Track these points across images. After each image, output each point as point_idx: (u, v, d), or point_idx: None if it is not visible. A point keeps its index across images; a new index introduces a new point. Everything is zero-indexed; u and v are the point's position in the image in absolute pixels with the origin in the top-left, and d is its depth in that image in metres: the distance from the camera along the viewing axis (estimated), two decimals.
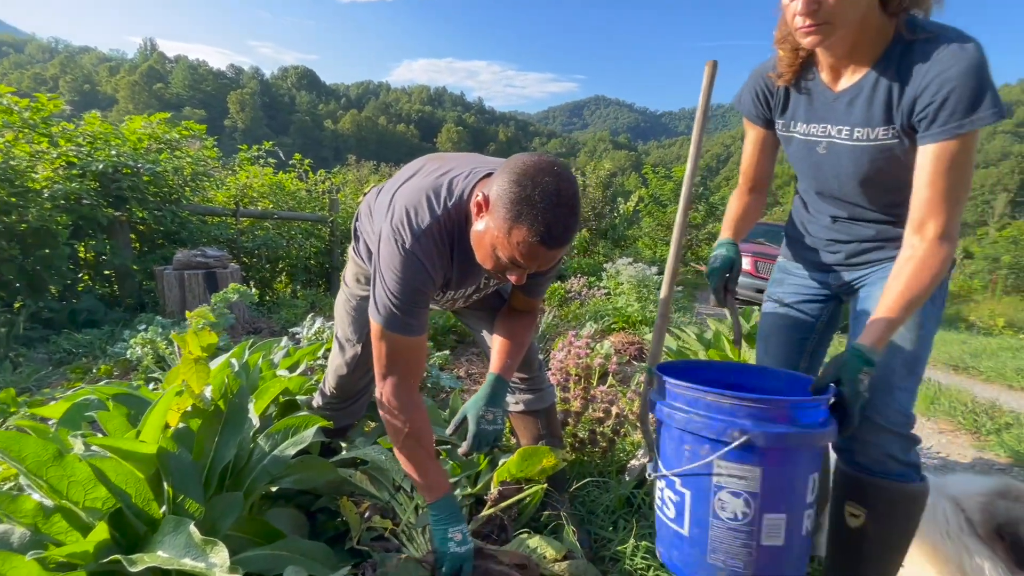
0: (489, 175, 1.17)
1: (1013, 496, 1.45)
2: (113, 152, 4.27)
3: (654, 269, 5.81)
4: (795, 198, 1.50)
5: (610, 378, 2.62)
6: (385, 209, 1.24)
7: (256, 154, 6.50)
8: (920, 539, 1.39)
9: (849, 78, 1.14)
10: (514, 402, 1.68)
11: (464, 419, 1.37)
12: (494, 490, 1.52)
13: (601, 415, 1.99)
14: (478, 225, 1.10)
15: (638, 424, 2.04)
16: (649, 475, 1.20)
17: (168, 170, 4.69)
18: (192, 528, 0.93)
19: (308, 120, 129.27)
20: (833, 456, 1.29)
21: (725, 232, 1.42)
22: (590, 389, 2.07)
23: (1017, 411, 3.44)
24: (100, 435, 1.30)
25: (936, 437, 3.07)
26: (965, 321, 9.55)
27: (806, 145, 1.26)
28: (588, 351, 2.18)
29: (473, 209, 1.12)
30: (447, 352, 3.23)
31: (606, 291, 6.04)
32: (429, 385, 2.64)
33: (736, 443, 0.95)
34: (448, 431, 1.39)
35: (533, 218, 0.99)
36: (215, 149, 5.88)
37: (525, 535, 1.42)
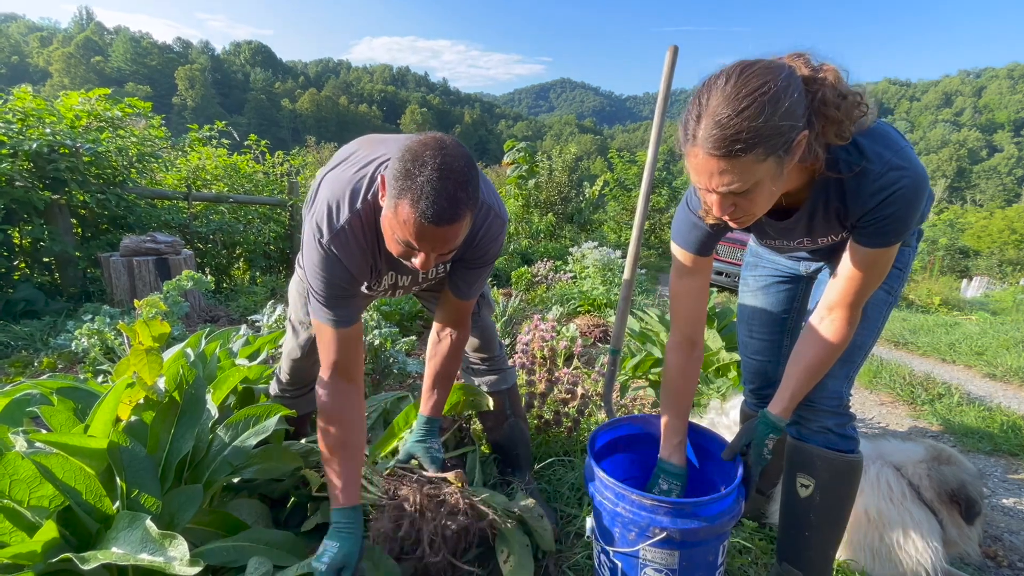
0: None
1: (945, 459, 1.57)
2: (48, 130, 3.97)
3: (619, 253, 5.91)
4: None
5: (575, 360, 2.67)
6: (312, 199, 1.24)
7: (208, 134, 6.16)
8: (866, 504, 1.50)
9: (789, 209, 1.14)
10: (478, 384, 1.69)
11: (412, 457, 1.48)
12: None
13: (566, 396, 2.03)
14: (383, 209, 1.06)
15: (602, 404, 2.09)
16: (587, 536, 1.32)
17: (111, 150, 4.40)
18: (148, 522, 0.91)
19: (264, 99, 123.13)
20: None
21: (666, 447, 1.32)
22: (555, 371, 2.11)
23: (949, 382, 3.71)
24: (44, 431, 1.24)
25: (877, 408, 3.28)
26: (905, 299, 10.16)
27: (773, 245, 1.32)
28: (554, 334, 2.21)
29: (380, 194, 1.08)
30: (414, 338, 3.20)
31: (572, 275, 6.11)
32: (396, 371, 2.63)
33: (657, 538, 1.12)
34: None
35: (414, 192, 0.96)
36: (163, 128, 5.54)
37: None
